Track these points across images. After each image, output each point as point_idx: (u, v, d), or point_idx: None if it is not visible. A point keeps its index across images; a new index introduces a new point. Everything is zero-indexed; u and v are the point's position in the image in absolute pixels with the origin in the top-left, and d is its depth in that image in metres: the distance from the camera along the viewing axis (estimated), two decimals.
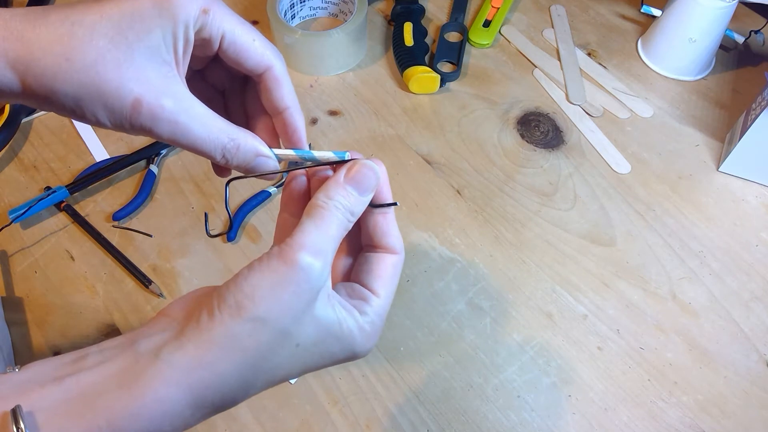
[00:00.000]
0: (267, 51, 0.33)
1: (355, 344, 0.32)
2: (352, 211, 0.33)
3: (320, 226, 0.31)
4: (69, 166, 0.67)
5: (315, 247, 0.30)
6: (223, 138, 0.32)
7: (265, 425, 0.51)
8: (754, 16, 0.81)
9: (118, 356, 0.29)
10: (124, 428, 0.28)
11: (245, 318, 0.29)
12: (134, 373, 0.28)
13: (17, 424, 0.26)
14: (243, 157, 0.34)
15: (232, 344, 0.29)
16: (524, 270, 0.60)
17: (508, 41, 0.79)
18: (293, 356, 0.31)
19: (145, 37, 0.30)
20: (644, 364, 0.55)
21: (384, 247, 0.35)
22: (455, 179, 0.66)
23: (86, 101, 0.30)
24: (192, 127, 0.31)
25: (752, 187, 0.66)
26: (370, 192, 0.34)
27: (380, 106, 0.72)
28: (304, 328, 0.30)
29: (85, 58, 0.29)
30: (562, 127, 0.71)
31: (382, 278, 0.34)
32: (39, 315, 0.57)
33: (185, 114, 0.31)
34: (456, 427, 0.51)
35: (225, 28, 0.32)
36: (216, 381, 0.29)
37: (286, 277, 0.29)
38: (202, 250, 0.61)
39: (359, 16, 0.73)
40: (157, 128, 0.31)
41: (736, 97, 0.73)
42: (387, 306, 0.34)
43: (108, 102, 0.30)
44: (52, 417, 0.27)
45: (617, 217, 0.63)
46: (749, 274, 0.60)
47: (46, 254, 0.61)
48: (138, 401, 0.28)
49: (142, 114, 0.30)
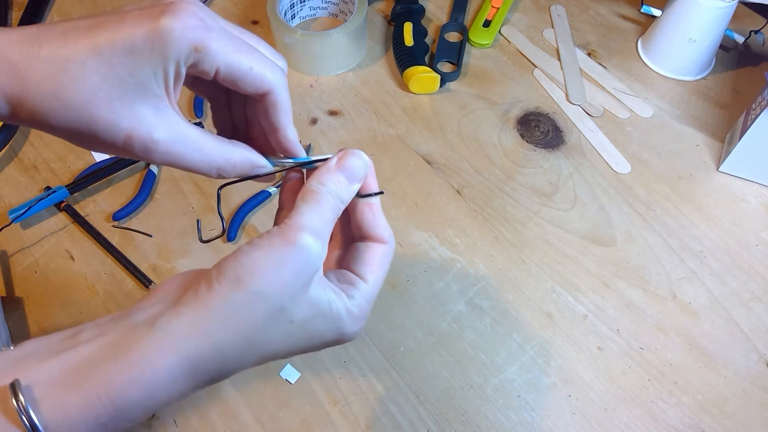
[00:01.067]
0: (266, 75, 0.33)
1: (343, 326, 0.33)
2: (342, 198, 0.34)
3: (316, 210, 0.32)
4: (69, 166, 0.67)
5: (314, 229, 0.31)
6: (218, 159, 0.33)
7: (265, 425, 0.51)
8: (754, 16, 0.81)
9: (113, 328, 0.30)
10: (121, 397, 0.28)
11: (245, 291, 0.30)
12: (130, 343, 0.29)
13: (17, 397, 0.26)
14: (239, 171, 0.34)
15: (230, 315, 0.29)
16: (524, 270, 0.60)
17: (508, 41, 0.79)
18: (286, 333, 0.31)
19: (137, 73, 0.30)
20: (644, 364, 0.55)
21: (372, 237, 0.36)
22: (455, 179, 0.66)
23: (79, 136, 0.31)
24: (186, 154, 0.32)
25: (752, 187, 0.66)
26: (358, 181, 0.35)
27: (380, 106, 0.72)
28: (298, 307, 0.31)
29: (77, 96, 0.29)
30: (562, 127, 0.71)
31: (369, 265, 0.35)
32: (39, 315, 0.57)
33: (179, 143, 0.32)
34: (456, 427, 0.51)
35: (219, 62, 0.31)
36: (212, 350, 0.29)
37: (288, 255, 0.30)
38: (202, 250, 0.61)
39: (359, 16, 0.73)
40: (152, 158, 0.31)
41: (736, 97, 0.73)
42: (374, 292, 0.35)
43: (101, 137, 0.30)
44: (50, 390, 0.28)
45: (617, 217, 0.63)
46: (749, 274, 0.60)
47: (46, 254, 0.61)
48: (134, 369, 0.28)
49: (135, 147, 0.31)
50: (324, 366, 0.54)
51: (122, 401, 0.28)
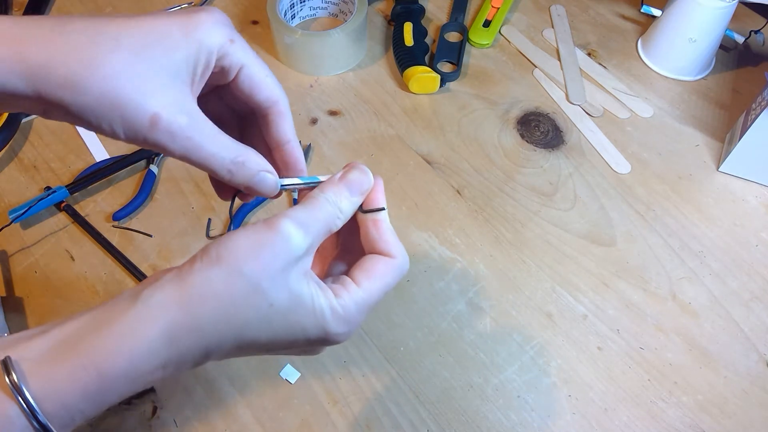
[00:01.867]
0: (276, 87, 0.36)
1: (327, 323, 0.33)
2: (341, 208, 0.35)
3: (307, 207, 0.33)
4: (69, 166, 0.67)
5: (298, 220, 0.32)
6: (231, 154, 0.34)
7: (265, 425, 0.51)
8: (754, 16, 0.81)
9: (100, 306, 0.31)
10: (106, 366, 0.29)
11: (222, 267, 0.31)
12: (113, 315, 0.30)
13: (8, 374, 0.27)
14: (247, 172, 0.34)
15: (207, 289, 0.30)
16: (524, 270, 0.60)
17: (508, 41, 0.79)
18: (265, 317, 0.32)
19: (170, 56, 0.31)
20: (644, 364, 0.55)
21: (378, 252, 0.36)
22: (455, 179, 0.66)
23: (103, 112, 0.30)
24: (203, 144, 0.32)
25: (752, 187, 0.66)
26: (359, 194, 0.36)
27: (380, 106, 0.72)
28: (276, 292, 0.31)
29: (107, 68, 0.29)
30: (562, 127, 0.71)
31: (366, 272, 0.35)
32: (39, 315, 0.57)
33: (198, 132, 0.32)
34: (456, 427, 0.51)
35: (244, 60, 0.34)
36: (190, 322, 0.30)
37: (267, 238, 0.31)
38: None
39: (359, 16, 0.73)
40: (171, 144, 0.32)
41: (736, 97, 0.73)
42: (367, 299, 0.35)
43: (126, 115, 0.30)
44: (39, 364, 0.28)
45: (617, 217, 0.63)
46: (749, 274, 0.60)
47: (46, 254, 0.61)
48: (117, 339, 0.29)
49: (159, 129, 0.31)
50: (324, 366, 0.54)
51: (107, 370, 0.29)
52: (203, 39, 0.32)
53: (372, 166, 0.66)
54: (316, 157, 0.68)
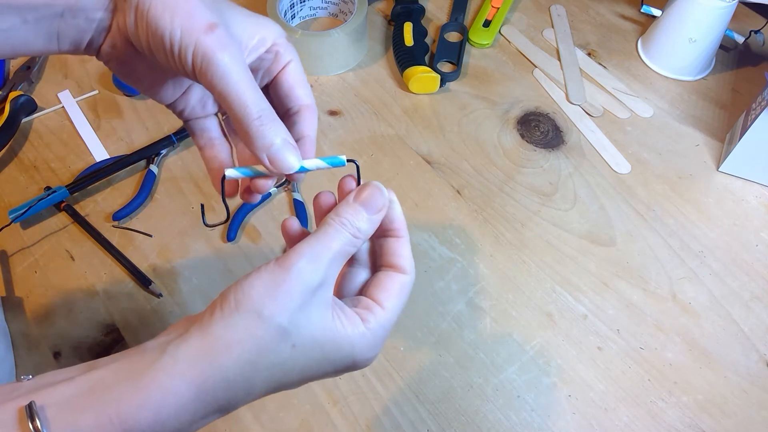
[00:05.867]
0: (310, 89, 0.40)
1: (355, 352, 0.33)
2: (359, 228, 0.34)
3: (321, 239, 0.33)
4: (69, 166, 0.67)
5: (311, 255, 0.32)
6: (264, 104, 0.33)
7: (265, 425, 0.51)
8: (754, 16, 0.81)
9: (126, 356, 0.31)
10: (132, 419, 0.29)
11: (242, 313, 0.31)
12: (140, 367, 0.30)
13: (32, 420, 0.27)
14: (276, 128, 0.33)
15: (230, 337, 0.30)
16: (524, 270, 0.60)
17: (508, 41, 0.79)
18: (291, 357, 0.32)
19: (236, 8, 0.35)
20: (644, 364, 0.55)
21: (394, 267, 0.37)
22: (455, 179, 0.66)
23: (168, 14, 0.31)
24: (244, 79, 0.32)
25: (752, 187, 0.66)
26: (378, 211, 0.35)
27: (380, 106, 0.72)
28: (300, 329, 0.31)
29: None
30: (562, 127, 0.71)
31: (387, 291, 0.36)
32: (39, 315, 0.57)
33: (242, 66, 0.32)
34: (456, 427, 0.51)
35: (294, 56, 0.38)
36: (217, 374, 0.30)
37: (280, 277, 0.31)
38: (202, 250, 0.61)
39: (359, 16, 0.73)
40: (216, 63, 0.31)
41: (736, 97, 0.73)
42: (391, 319, 0.35)
43: (184, 19, 0.31)
44: (62, 411, 0.28)
45: (617, 217, 0.63)
46: (749, 274, 0.60)
47: (46, 254, 0.61)
48: (143, 392, 0.29)
49: (215, 34, 0.31)
50: None
51: (132, 424, 0.28)
52: (264, 23, 0.36)
53: (372, 166, 0.67)
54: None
